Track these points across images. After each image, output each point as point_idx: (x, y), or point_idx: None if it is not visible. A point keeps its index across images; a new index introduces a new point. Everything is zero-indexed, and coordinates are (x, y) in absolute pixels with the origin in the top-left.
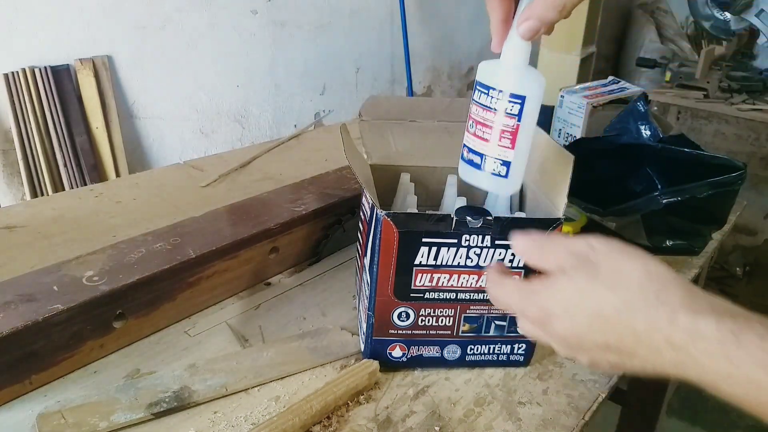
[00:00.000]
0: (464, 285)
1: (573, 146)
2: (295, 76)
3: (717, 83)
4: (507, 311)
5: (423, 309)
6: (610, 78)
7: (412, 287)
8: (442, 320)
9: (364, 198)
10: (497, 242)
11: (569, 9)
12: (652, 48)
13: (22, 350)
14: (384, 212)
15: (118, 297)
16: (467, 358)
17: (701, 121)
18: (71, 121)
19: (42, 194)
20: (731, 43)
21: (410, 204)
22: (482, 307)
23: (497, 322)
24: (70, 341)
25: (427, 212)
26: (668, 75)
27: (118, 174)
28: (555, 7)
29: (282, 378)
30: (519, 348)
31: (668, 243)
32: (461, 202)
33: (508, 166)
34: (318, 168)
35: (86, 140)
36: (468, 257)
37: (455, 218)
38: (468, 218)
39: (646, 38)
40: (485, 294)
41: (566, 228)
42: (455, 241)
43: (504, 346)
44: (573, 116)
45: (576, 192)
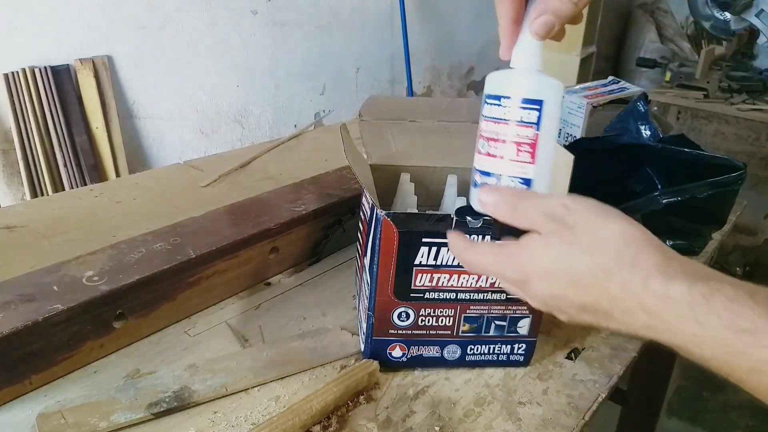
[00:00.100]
0: (464, 285)
1: (573, 146)
2: (295, 76)
3: (717, 83)
4: (483, 275)
5: (423, 309)
6: (610, 78)
7: (412, 287)
8: (442, 320)
9: (364, 198)
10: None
11: (585, 1)
12: (652, 48)
13: (22, 350)
14: (384, 212)
15: (118, 297)
16: (467, 358)
17: (701, 121)
18: (71, 121)
19: (42, 194)
20: (731, 43)
21: (410, 204)
22: (482, 307)
23: (497, 322)
24: (70, 341)
25: (427, 212)
26: (668, 75)
27: (118, 174)
28: (570, 0)
29: (282, 378)
30: (519, 348)
31: (668, 243)
32: (461, 202)
33: (529, 184)
34: (318, 168)
35: (86, 140)
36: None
37: (455, 218)
38: (468, 218)
39: (646, 38)
40: (485, 294)
41: None
42: None
43: (504, 346)
44: (573, 116)
45: (576, 192)
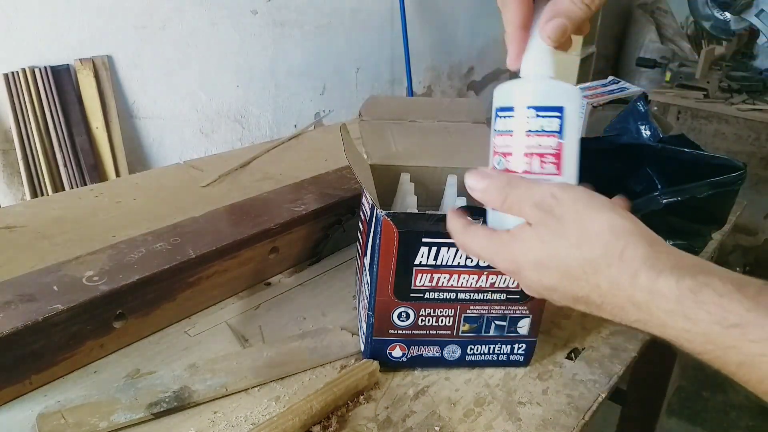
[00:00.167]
0: (464, 285)
1: None
2: (295, 76)
3: (717, 83)
4: (476, 258)
5: (423, 309)
6: (610, 78)
7: (412, 287)
8: (442, 320)
9: (364, 198)
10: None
11: (598, 4)
12: (652, 48)
13: (23, 350)
14: (384, 212)
15: (118, 297)
16: (467, 358)
17: (701, 121)
18: (71, 121)
19: (42, 194)
20: (731, 43)
21: (410, 204)
22: (482, 307)
23: (497, 322)
24: (70, 341)
25: (427, 212)
26: (668, 75)
27: (118, 174)
28: (582, 1)
29: (282, 378)
30: (519, 348)
31: (668, 243)
32: (461, 202)
33: None
34: (318, 168)
35: (86, 140)
36: (468, 257)
37: None
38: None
39: (646, 38)
40: (485, 294)
41: None
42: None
43: (504, 346)
44: None
45: None
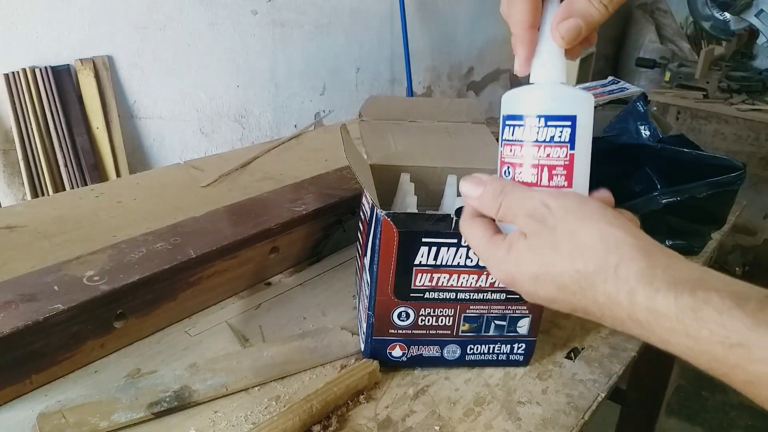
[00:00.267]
0: (464, 285)
1: None
2: (295, 76)
3: (716, 83)
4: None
5: (423, 309)
6: (610, 78)
7: (412, 287)
8: (442, 320)
9: (364, 198)
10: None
11: (616, 6)
12: (652, 48)
13: (23, 350)
14: (384, 212)
15: (119, 297)
16: (467, 358)
17: (701, 121)
18: (72, 121)
19: (42, 194)
20: (731, 44)
21: (410, 204)
22: (482, 307)
23: (497, 322)
24: (71, 341)
25: (427, 212)
26: (668, 75)
27: (119, 174)
28: (600, 2)
29: (282, 378)
30: (519, 348)
31: (668, 243)
32: (461, 202)
33: None
34: (318, 168)
35: (87, 140)
36: (468, 257)
37: (455, 218)
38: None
39: (646, 38)
40: (485, 294)
41: None
42: (455, 241)
43: (504, 346)
44: None
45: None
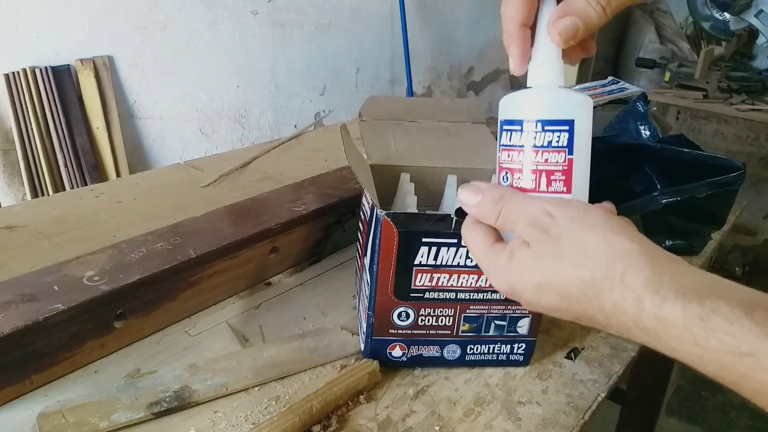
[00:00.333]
0: (464, 285)
1: None
2: (295, 76)
3: (716, 83)
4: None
5: (423, 309)
6: (610, 78)
7: (412, 287)
8: (442, 320)
9: (364, 198)
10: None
11: (614, 10)
12: (652, 48)
13: (23, 350)
14: (384, 212)
15: (119, 297)
16: (467, 358)
17: (701, 122)
18: (72, 121)
19: (42, 194)
20: (730, 44)
21: (410, 204)
22: (482, 307)
23: (497, 322)
24: (71, 341)
25: (427, 212)
26: (667, 75)
27: (119, 174)
28: (599, 3)
29: (282, 378)
30: (519, 348)
31: (668, 243)
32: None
33: None
34: (318, 168)
35: (87, 140)
36: (468, 257)
37: (455, 218)
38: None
39: (646, 38)
40: (485, 294)
41: None
42: (455, 241)
43: (504, 346)
44: None
45: None
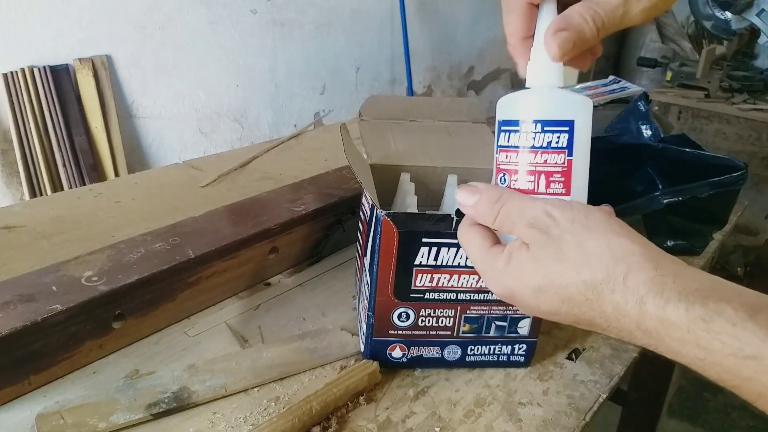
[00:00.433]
0: (464, 285)
1: None
2: (295, 76)
3: (718, 83)
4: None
5: (423, 309)
6: (611, 77)
7: (412, 287)
8: (443, 321)
9: (364, 198)
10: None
11: (607, 32)
12: (653, 47)
13: (22, 350)
14: (384, 212)
15: (117, 297)
16: (467, 359)
17: (702, 121)
18: (70, 121)
19: (41, 194)
20: (732, 43)
21: (410, 204)
22: (482, 308)
23: (497, 323)
24: (70, 341)
25: (427, 212)
26: (669, 74)
27: (117, 174)
28: (594, 22)
29: (282, 379)
30: (519, 348)
31: (669, 243)
32: None
33: None
34: (318, 168)
35: (85, 140)
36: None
37: (455, 218)
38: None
39: (647, 38)
40: (485, 294)
41: None
42: (455, 241)
43: (504, 347)
44: None
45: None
